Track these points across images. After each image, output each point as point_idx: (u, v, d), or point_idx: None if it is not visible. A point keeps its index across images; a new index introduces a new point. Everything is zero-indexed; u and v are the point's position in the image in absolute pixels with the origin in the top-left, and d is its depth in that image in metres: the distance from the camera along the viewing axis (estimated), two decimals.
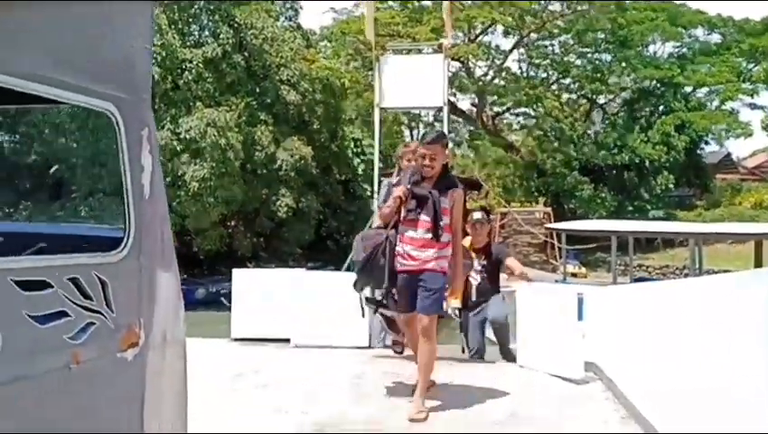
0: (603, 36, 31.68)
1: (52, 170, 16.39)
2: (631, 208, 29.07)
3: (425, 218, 4.15)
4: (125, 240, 2.43)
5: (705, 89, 31.61)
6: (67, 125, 16.85)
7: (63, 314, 2.16)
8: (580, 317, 4.91)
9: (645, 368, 4.08)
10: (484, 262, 5.81)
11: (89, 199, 16.47)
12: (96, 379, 2.29)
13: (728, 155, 37.31)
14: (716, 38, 32.65)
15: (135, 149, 2.44)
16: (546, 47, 32.82)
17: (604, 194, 29.68)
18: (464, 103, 33.75)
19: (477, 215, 5.88)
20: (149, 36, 2.54)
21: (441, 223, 4.11)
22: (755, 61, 30.56)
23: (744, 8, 50.89)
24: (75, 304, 2.20)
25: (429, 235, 4.14)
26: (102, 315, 2.32)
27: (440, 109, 16.64)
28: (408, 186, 4.19)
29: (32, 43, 2.05)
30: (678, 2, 32.49)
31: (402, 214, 4.21)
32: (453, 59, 28.40)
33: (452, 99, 30.34)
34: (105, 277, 2.33)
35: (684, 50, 32.75)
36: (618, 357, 4.71)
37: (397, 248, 4.24)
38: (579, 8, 30.24)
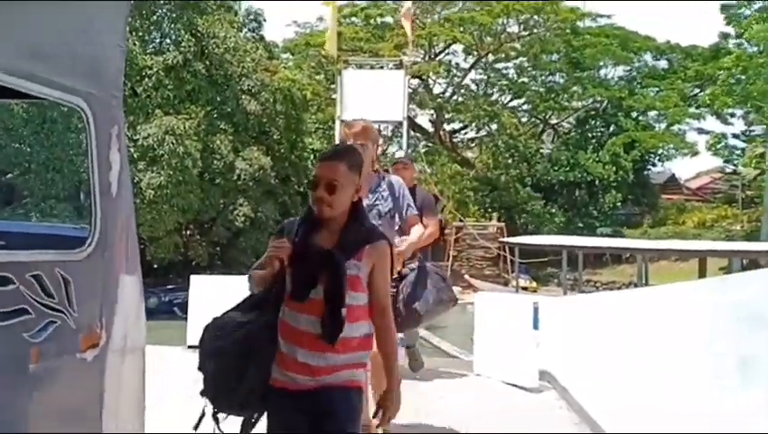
0: (557, 58, 32.64)
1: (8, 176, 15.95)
2: (580, 225, 29.86)
3: (318, 297, 2.24)
4: (89, 237, 2.40)
5: (654, 112, 32.85)
6: (22, 129, 16.46)
7: (24, 311, 2.13)
8: (535, 326, 5.03)
9: (597, 375, 4.22)
10: None
11: (42, 204, 16.05)
12: (55, 378, 2.26)
13: (673, 176, 38.71)
14: (663, 64, 34.05)
15: (104, 146, 2.42)
16: (502, 70, 33.61)
17: (554, 210, 30.44)
18: (423, 119, 34.19)
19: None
20: (123, 35, 2.54)
21: (342, 310, 2.21)
22: (701, 87, 31.91)
23: (691, 35, 53.41)
24: (37, 302, 2.17)
25: None
26: (64, 314, 2.29)
27: (400, 124, 16.81)
28: (294, 238, 2.35)
29: (5, 35, 2.03)
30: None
31: (288, 286, 2.29)
32: (413, 76, 28.80)
33: (410, 114, 30.69)
34: (68, 275, 2.30)
35: (634, 73, 34.01)
36: (571, 365, 4.85)
37: (280, 345, 2.27)
38: (535, 30, 31.11)
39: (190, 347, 6.34)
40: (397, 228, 3.55)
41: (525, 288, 24.76)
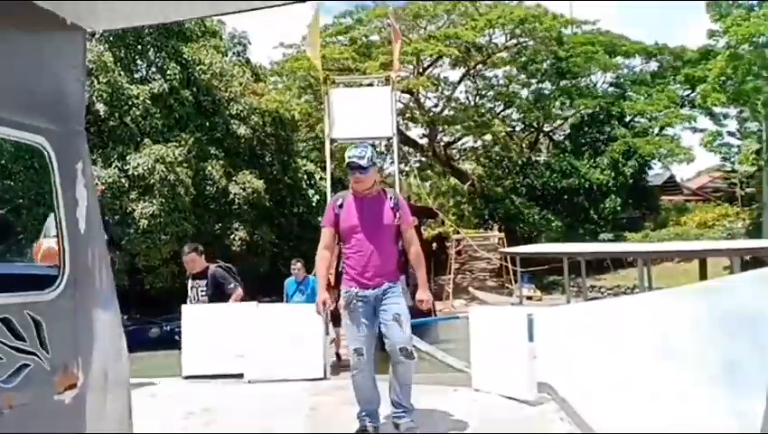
0: (545, 67, 32.65)
1: None
2: (582, 231, 29.75)
3: None
4: (59, 277, 2.35)
5: (646, 117, 32.73)
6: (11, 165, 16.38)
7: None
8: (531, 338, 4.95)
9: (597, 386, 4.14)
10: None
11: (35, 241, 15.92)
12: (32, 423, 2.19)
13: (672, 177, 38.61)
14: (652, 67, 34.01)
15: (70, 183, 2.38)
16: (491, 79, 33.63)
17: (551, 217, 30.33)
18: (415, 134, 34.21)
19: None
20: (81, 67, 2.50)
21: None
22: (692, 88, 31.77)
23: (679, 37, 53.53)
24: (6, 345, 2.12)
25: None
26: (37, 356, 2.23)
27: (389, 139, 16.73)
28: None
29: None
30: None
31: None
32: (402, 91, 28.82)
33: (403, 129, 30.70)
34: (39, 316, 2.24)
35: (622, 79, 33.99)
36: (570, 376, 4.77)
37: None
38: (521, 39, 31.18)
39: (185, 378, 6.26)
40: None
41: (530, 298, 24.61)
